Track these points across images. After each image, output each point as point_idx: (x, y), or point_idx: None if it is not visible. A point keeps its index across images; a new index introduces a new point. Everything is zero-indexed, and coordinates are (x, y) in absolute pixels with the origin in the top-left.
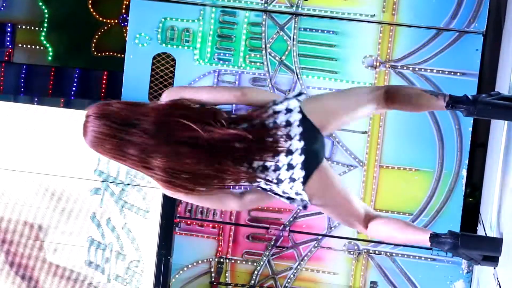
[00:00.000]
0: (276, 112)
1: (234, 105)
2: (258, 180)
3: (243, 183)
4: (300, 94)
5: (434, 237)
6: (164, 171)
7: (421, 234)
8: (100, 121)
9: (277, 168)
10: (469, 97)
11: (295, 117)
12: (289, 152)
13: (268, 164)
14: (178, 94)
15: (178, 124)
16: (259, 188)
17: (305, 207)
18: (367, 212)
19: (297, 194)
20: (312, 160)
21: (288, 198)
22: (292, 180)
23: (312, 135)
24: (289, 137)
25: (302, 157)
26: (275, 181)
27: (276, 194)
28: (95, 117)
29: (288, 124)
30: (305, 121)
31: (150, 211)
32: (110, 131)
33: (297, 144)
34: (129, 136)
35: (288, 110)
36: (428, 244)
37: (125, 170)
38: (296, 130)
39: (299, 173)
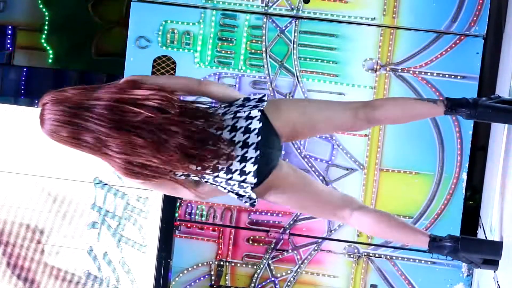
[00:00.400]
0: (237, 117)
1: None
2: (207, 177)
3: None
4: (261, 100)
5: (433, 241)
6: (121, 161)
7: (419, 236)
8: (56, 107)
9: (228, 172)
10: (469, 100)
11: (255, 125)
12: (243, 159)
13: (219, 166)
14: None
15: (130, 110)
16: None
17: (252, 205)
18: (346, 200)
19: (245, 192)
20: (267, 164)
21: (237, 194)
22: (242, 184)
23: (270, 139)
24: (246, 145)
25: (255, 167)
26: (224, 181)
27: (224, 189)
28: (51, 103)
29: (247, 131)
30: (266, 123)
31: (147, 245)
32: (65, 117)
33: (252, 153)
34: (84, 122)
35: (249, 117)
36: (426, 247)
37: (121, 204)
38: (253, 139)
39: (250, 179)
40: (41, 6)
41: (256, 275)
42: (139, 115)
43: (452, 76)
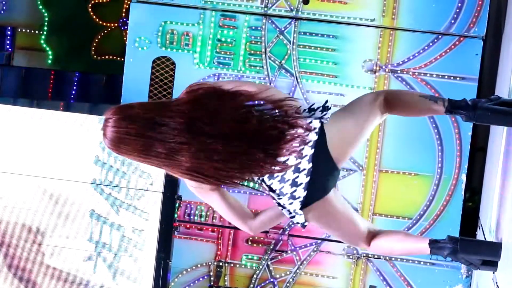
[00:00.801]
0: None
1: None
2: (265, 186)
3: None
4: (324, 111)
5: (433, 243)
6: (190, 168)
7: (420, 243)
8: (124, 123)
9: (282, 181)
10: (469, 102)
11: (311, 137)
12: (296, 170)
13: (274, 174)
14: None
15: (208, 119)
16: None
17: (303, 226)
18: (370, 230)
19: (295, 211)
20: (318, 188)
21: (289, 212)
22: (293, 197)
23: (325, 165)
24: (300, 155)
25: (308, 178)
26: (277, 191)
27: (278, 204)
28: (117, 118)
29: (303, 142)
30: (320, 147)
31: (143, 277)
32: (136, 130)
33: (305, 165)
34: (158, 135)
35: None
36: (428, 252)
37: (117, 237)
38: (307, 151)
39: (300, 193)
40: (40, 7)
41: (255, 276)
42: (215, 124)
43: (452, 77)
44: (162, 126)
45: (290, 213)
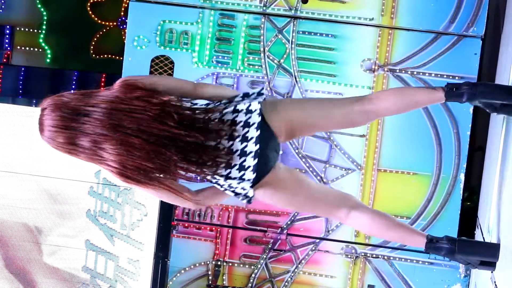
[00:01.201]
0: (237, 110)
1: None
2: (207, 174)
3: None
4: (260, 94)
5: (430, 243)
6: (115, 163)
7: (416, 236)
8: (54, 113)
9: (228, 166)
10: (470, 82)
11: (255, 119)
12: (243, 154)
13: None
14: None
15: (129, 113)
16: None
17: (249, 202)
18: (347, 200)
19: (243, 189)
20: (265, 164)
21: (234, 192)
22: (242, 180)
23: (268, 140)
24: (245, 139)
25: (255, 161)
26: (223, 178)
27: (221, 186)
28: (50, 109)
29: (247, 125)
30: (263, 125)
31: (141, 275)
32: (62, 122)
33: (251, 147)
34: (81, 125)
35: (249, 111)
36: (423, 247)
37: (112, 267)
38: (253, 133)
39: (249, 175)
40: (39, 5)
41: (253, 275)
42: (135, 122)
43: (450, 77)
44: (85, 117)
45: (235, 192)
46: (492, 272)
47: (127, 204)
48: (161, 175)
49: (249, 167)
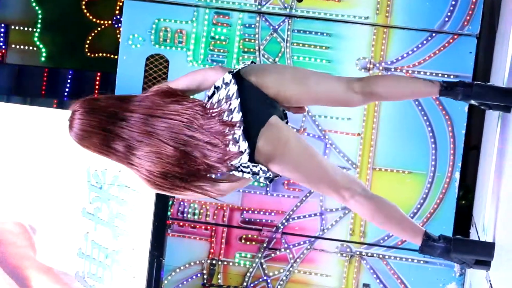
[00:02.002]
0: (216, 87)
1: None
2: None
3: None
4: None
5: (426, 240)
6: (144, 170)
7: (414, 234)
8: (89, 115)
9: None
10: (465, 81)
11: (232, 90)
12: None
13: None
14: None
15: (164, 119)
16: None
17: (271, 180)
18: (353, 182)
19: (254, 166)
20: (253, 127)
21: (252, 173)
22: (240, 153)
23: (251, 96)
24: (230, 111)
25: (241, 129)
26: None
27: (238, 170)
28: (83, 111)
29: (228, 98)
30: (242, 87)
31: (136, 275)
32: (98, 123)
33: (236, 117)
34: (118, 129)
35: (226, 84)
36: (419, 244)
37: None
38: (235, 103)
39: (243, 145)
40: (34, 4)
41: (248, 274)
42: (169, 127)
43: (445, 76)
44: (122, 121)
45: (253, 173)
46: (487, 271)
47: (115, 264)
48: (189, 178)
49: (239, 137)
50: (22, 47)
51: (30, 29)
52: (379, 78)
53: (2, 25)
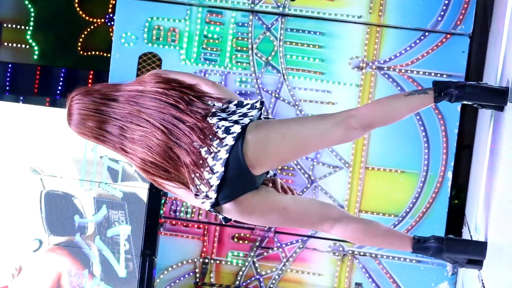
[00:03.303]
0: (236, 105)
1: None
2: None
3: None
4: (251, 109)
5: (418, 243)
6: (137, 157)
7: (403, 241)
8: (86, 97)
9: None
10: (457, 82)
11: (228, 141)
12: (211, 171)
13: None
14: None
15: (153, 97)
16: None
17: (227, 220)
18: (329, 214)
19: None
20: (230, 191)
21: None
22: (206, 197)
23: (238, 170)
24: (215, 157)
25: (218, 182)
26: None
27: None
28: (79, 95)
29: (226, 132)
30: (235, 151)
31: (128, 273)
32: (93, 105)
33: (218, 168)
34: (109, 110)
35: (241, 115)
36: (410, 251)
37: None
38: (222, 154)
39: (212, 194)
40: (26, 2)
41: (241, 273)
42: (157, 106)
43: (438, 75)
44: (113, 101)
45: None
46: (479, 270)
47: None
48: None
49: (212, 185)
50: (14, 45)
51: (23, 27)
52: (374, 107)
53: None
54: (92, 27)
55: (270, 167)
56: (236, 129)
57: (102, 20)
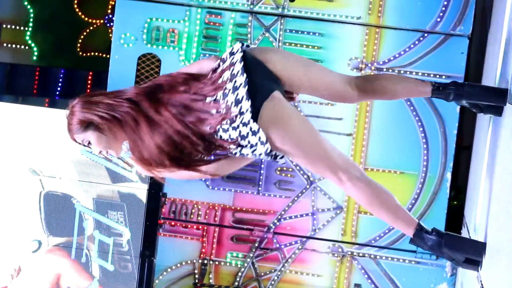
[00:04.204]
0: (222, 59)
1: None
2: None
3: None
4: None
5: (419, 231)
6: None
7: (408, 223)
8: (88, 104)
9: (236, 129)
10: (457, 82)
11: (237, 57)
12: (235, 89)
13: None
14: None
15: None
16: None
17: (274, 157)
18: (352, 166)
19: (253, 133)
20: (256, 99)
21: (250, 145)
22: (242, 114)
23: (256, 67)
24: (233, 76)
25: (245, 88)
26: (231, 131)
27: (236, 144)
28: (83, 103)
29: (232, 64)
30: (245, 56)
31: (127, 274)
32: (105, 107)
33: (240, 80)
34: (117, 109)
35: (231, 53)
36: (411, 235)
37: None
38: (238, 67)
39: (246, 105)
40: (25, 3)
41: (240, 274)
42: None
43: (437, 76)
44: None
45: (252, 146)
46: (477, 272)
47: None
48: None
49: (242, 97)
50: (13, 45)
51: (22, 27)
52: (375, 76)
53: None
54: (91, 28)
55: (278, 64)
56: (238, 56)
57: (101, 21)
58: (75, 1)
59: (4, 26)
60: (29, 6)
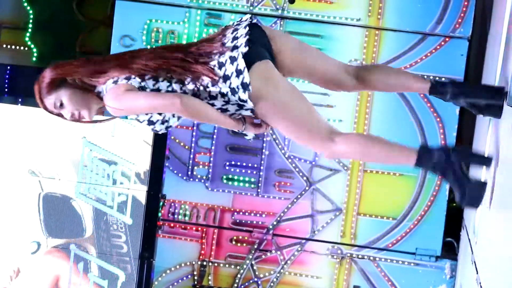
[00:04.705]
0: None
1: None
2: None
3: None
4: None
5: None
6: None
7: (406, 152)
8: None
9: (221, 65)
10: (455, 81)
11: (244, 20)
12: (235, 48)
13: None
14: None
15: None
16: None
17: (252, 111)
18: (334, 132)
19: (238, 72)
20: (251, 55)
21: (240, 100)
22: (235, 48)
23: (259, 36)
24: (235, 38)
25: (245, 38)
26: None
27: (223, 98)
28: (52, 67)
29: (237, 24)
30: (253, 25)
31: (126, 275)
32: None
33: (242, 31)
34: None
35: (240, 22)
36: (414, 162)
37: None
38: (243, 30)
39: (242, 48)
40: (25, 4)
41: (239, 276)
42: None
43: (437, 78)
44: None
45: (238, 104)
46: (477, 273)
47: None
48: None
49: (241, 44)
50: (13, 47)
51: (22, 29)
52: (374, 66)
53: None
54: (90, 29)
55: (282, 47)
56: (245, 21)
57: (101, 22)
58: (75, 2)
59: (3, 27)
60: (28, 7)
